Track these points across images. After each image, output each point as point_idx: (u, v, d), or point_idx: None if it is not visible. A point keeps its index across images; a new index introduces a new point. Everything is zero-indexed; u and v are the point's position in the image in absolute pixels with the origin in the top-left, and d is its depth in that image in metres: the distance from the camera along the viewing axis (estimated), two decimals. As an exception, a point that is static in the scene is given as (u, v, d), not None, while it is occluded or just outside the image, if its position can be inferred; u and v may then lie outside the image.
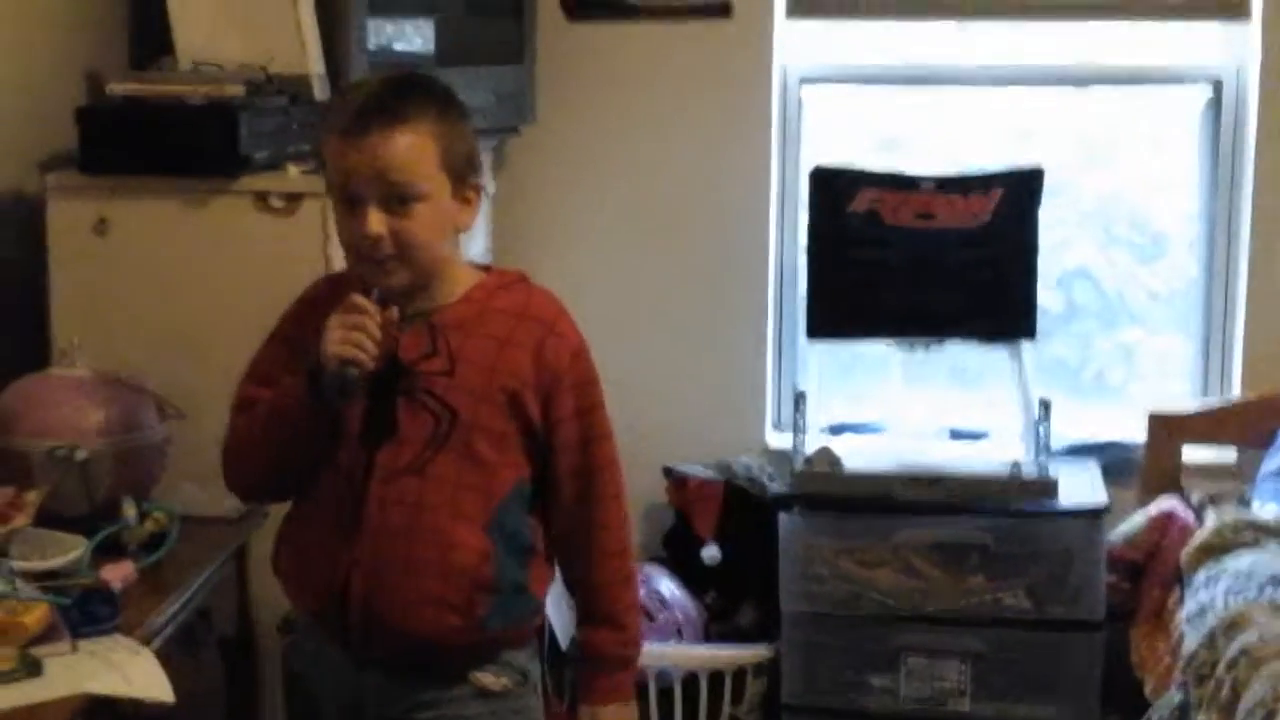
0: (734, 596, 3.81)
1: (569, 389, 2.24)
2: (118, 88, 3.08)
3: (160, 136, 3.02)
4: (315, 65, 3.19)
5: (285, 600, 2.95)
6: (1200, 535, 3.47)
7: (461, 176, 2.19)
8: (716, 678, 3.65)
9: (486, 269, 2.33)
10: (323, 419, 2.19)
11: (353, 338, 2.11)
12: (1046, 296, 4.10)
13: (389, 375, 2.19)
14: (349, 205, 2.16)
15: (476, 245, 3.74)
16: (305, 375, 2.16)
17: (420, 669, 2.23)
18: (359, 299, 2.14)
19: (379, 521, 2.19)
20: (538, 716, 2.34)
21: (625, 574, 2.32)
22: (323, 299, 2.27)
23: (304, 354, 2.19)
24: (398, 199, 2.13)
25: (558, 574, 2.37)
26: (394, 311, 2.15)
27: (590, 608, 2.32)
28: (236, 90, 3.03)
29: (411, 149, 2.12)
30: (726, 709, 3.68)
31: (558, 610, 3.14)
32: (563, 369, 2.23)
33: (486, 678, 2.25)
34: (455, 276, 2.25)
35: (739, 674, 3.69)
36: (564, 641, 3.26)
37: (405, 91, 2.16)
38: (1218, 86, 4.09)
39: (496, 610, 2.22)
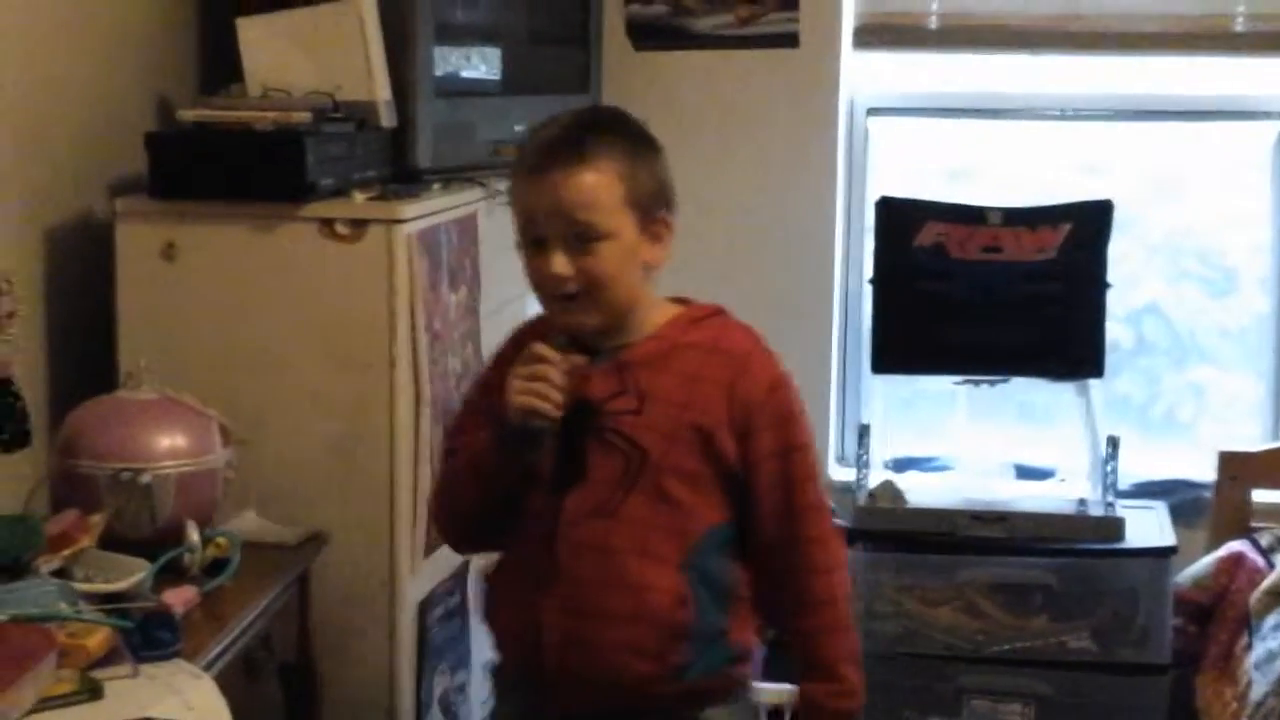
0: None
1: (766, 427, 2.16)
2: (187, 114, 3.10)
3: (228, 162, 3.03)
4: (382, 92, 3.20)
5: (345, 630, 2.99)
6: (1270, 579, 3.42)
7: (649, 213, 2.16)
8: (775, 714, 3.61)
9: (684, 302, 2.28)
10: (515, 469, 2.15)
11: (535, 388, 2.09)
12: (1116, 331, 4.06)
13: (578, 416, 2.14)
14: (535, 245, 2.14)
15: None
16: (497, 429, 2.14)
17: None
18: (540, 347, 2.11)
19: (570, 567, 2.14)
20: None
21: (837, 622, 2.20)
22: (522, 342, 2.23)
23: (495, 402, 2.16)
24: (581, 238, 2.10)
25: None
26: (579, 358, 2.13)
27: (803, 658, 2.21)
28: (303, 117, 3.04)
29: (594, 187, 2.10)
30: (786, 746, 3.65)
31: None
32: (756, 405, 2.16)
33: None
34: (647, 313, 2.21)
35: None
36: None
37: (590, 128, 2.15)
38: (1289, 121, 4.05)
39: (695, 658, 2.15)
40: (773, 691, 3.53)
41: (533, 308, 3.64)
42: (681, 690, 2.16)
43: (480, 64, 3.63)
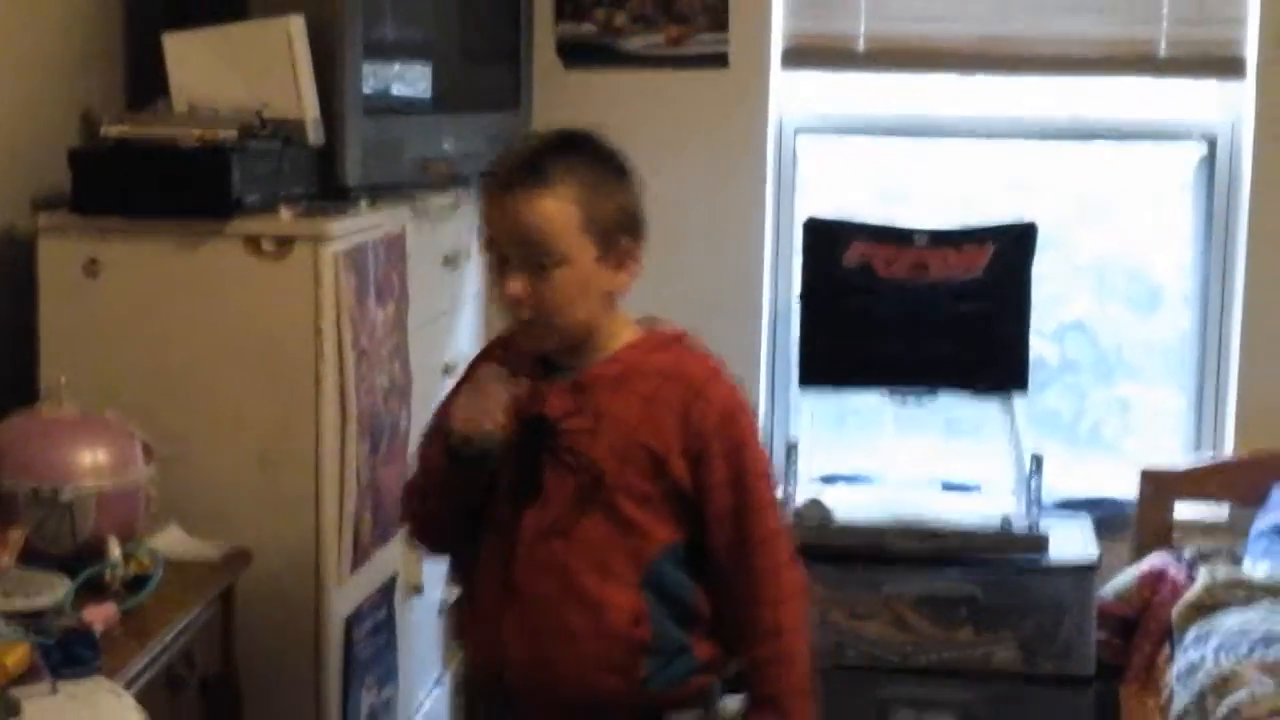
0: (723, 646, 3.76)
1: (719, 455, 2.18)
2: (111, 129, 3.07)
3: (152, 178, 3.00)
4: (310, 110, 3.19)
5: (270, 647, 2.98)
6: (1191, 593, 3.46)
7: (610, 239, 2.17)
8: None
9: (651, 322, 2.30)
10: (465, 486, 2.20)
11: (479, 406, 2.13)
12: (1042, 349, 4.10)
13: (534, 432, 2.17)
14: (499, 264, 2.17)
15: (470, 288, 3.75)
16: (445, 446, 2.18)
17: None
18: (487, 370, 2.17)
19: (528, 585, 2.18)
20: None
21: (783, 653, 2.23)
22: (494, 357, 2.30)
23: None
24: (537, 263, 2.13)
25: None
26: (523, 383, 2.16)
27: (751, 687, 2.24)
28: (229, 134, 3.03)
29: (551, 213, 2.12)
30: (712, 760, 3.65)
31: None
32: (709, 432, 2.18)
33: None
34: (608, 337, 2.23)
35: (726, 725, 3.65)
36: None
37: (556, 152, 2.17)
38: (1212, 143, 4.11)
39: (657, 672, 2.19)
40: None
41: (464, 321, 3.71)
42: (646, 699, 2.19)
43: (410, 81, 3.63)
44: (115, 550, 2.63)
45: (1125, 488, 3.96)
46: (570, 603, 2.16)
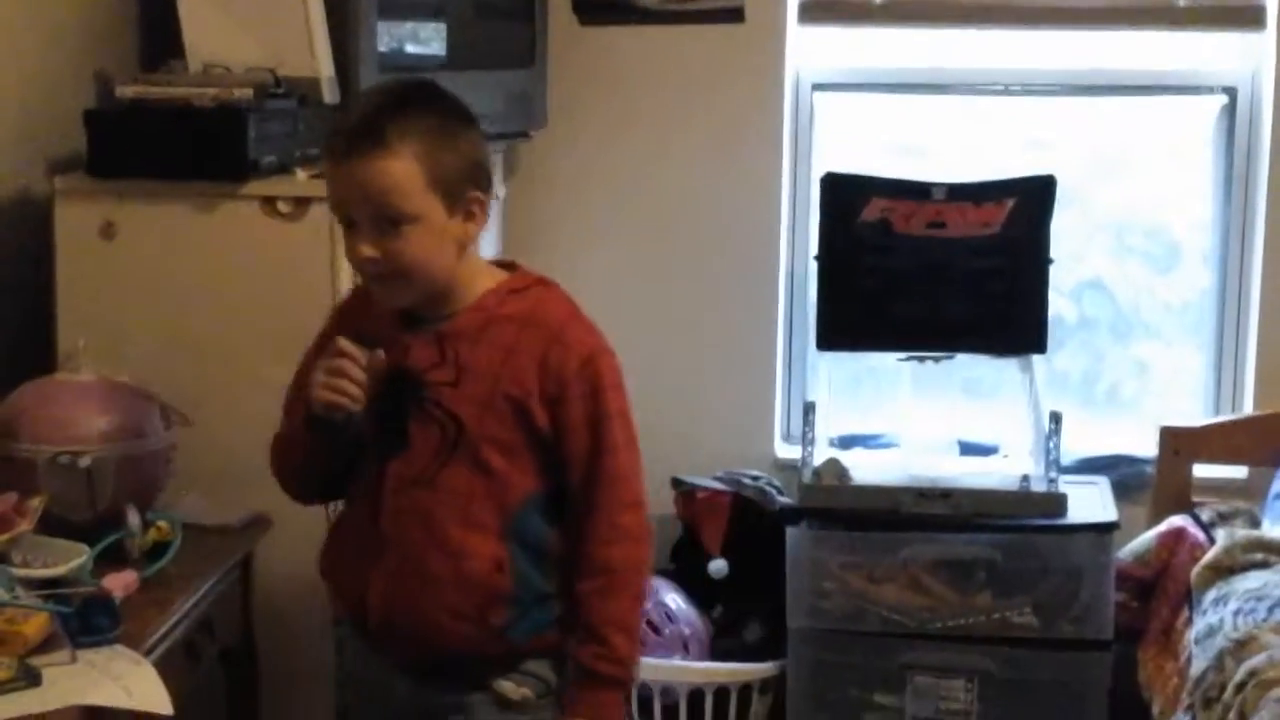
0: (741, 611, 3.77)
1: (577, 398, 2.20)
2: (126, 90, 3.06)
3: (168, 140, 3.00)
4: (325, 69, 3.17)
5: (288, 612, 2.99)
6: (1210, 554, 3.44)
7: (456, 193, 2.17)
8: (722, 694, 3.62)
9: (510, 268, 2.31)
10: (324, 448, 2.24)
11: (335, 384, 2.16)
12: (1060, 307, 4.07)
13: (399, 385, 2.21)
14: (347, 226, 2.18)
15: (486, 250, 3.72)
16: (303, 412, 2.22)
17: (443, 675, 2.25)
18: (343, 343, 2.17)
19: (393, 533, 2.22)
20: None
21: (611, 587, 2.21)
22: (351, 310, 2.35)
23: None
24: (387, 221, 2.14)
25: None
26: (380, 354, 2.18)
27: (577, 618, 2.23)
28: (245, 93, 3.02)
29: (394, 173, 2.12)
30: (732, 725, 3.67)
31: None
32: (569, 377, 2.20)
33: (507, 685, 2.25)
34: (467, 285, 2.24)
35: (744, 691, 3.65)
36: None
37: (392, 112, 2.14)
38: (1232, 95, 4.07)
39: (517, 620, 2.22)
40: (692, 671, 3.55)
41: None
42: (505, 648, 2.24)
43: (424, 39, 3.61)
44: (134, 518, 2.64)
45: (1144, 448, 3.94)
46: (433, 550, 2.19)
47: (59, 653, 2.23)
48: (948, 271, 3.91)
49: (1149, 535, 3.68)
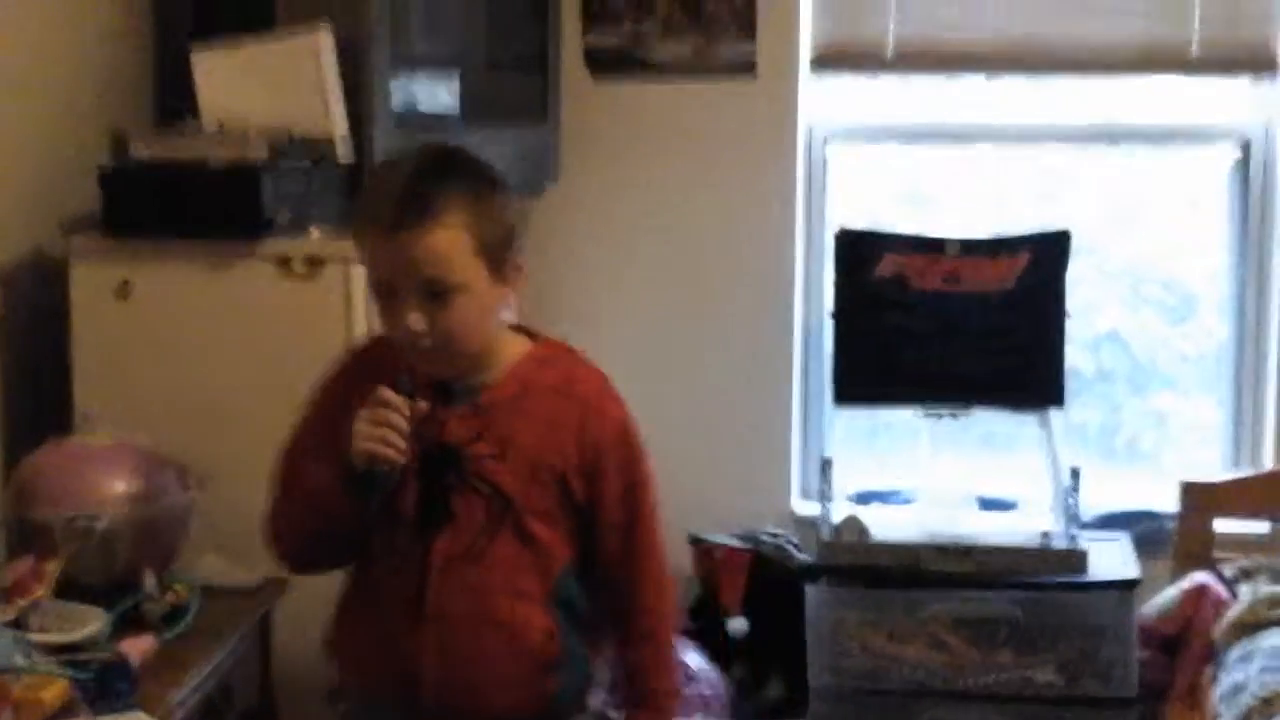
0: (761, 670, 3.75)
1: (614, 470, 2.23)
2: (141, 149, 3.06)
3: (183, 199, 3.00)
4: (339, 127, 3.17)
5: (307, 674, 2.93)
6: (1233, 611, 3.42)
7: (499, 259, 2.16)
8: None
9: (530, 335, 2.30)
10: (359, 508, 2.17)
11: (379, 434, 2.10)
12: (1076, 359, 4.06)
13: (439, 459, 2.18)
14: (388, 297, 2.14)
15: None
16: (339, 470, 2.14)
17: None
18: (386, 394, 2.12)
19: (443, 610, 2.19)
20: None
21: (663, 659, 2.31)
22: (358, 369, 2.28)
23: (341, 429, 2.16)
24: (436, 294, 2.11)
25: None
26: (423, 405, 2.14)
27: (631, 687, 2.31)
28: (259, 152, 3.01)
29: (445, 243, 2.10)
30: (755, 787, 3.63)
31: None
32: (606, 448, 2.22)
33: None
34: (501, 352, 2.23)
35: (767, 751, 3.64)
36: None
37: (436, 180, 2.12)
38: (1245, 146, 4.07)
39: (565, 684, 2.24)
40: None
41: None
42: (552, 713, 2.25)
43: (438, 95, 3.60)
44: (151, 581, 2.63)
45: (1165, 502, 3.91)
46: (485, 625, 2.18)
47: (77, 719, 2.20)
48: (963, 326, 3.90)
49: (1172, 591, 3.64)
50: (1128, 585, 3.58)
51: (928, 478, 3.94)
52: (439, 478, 2.18)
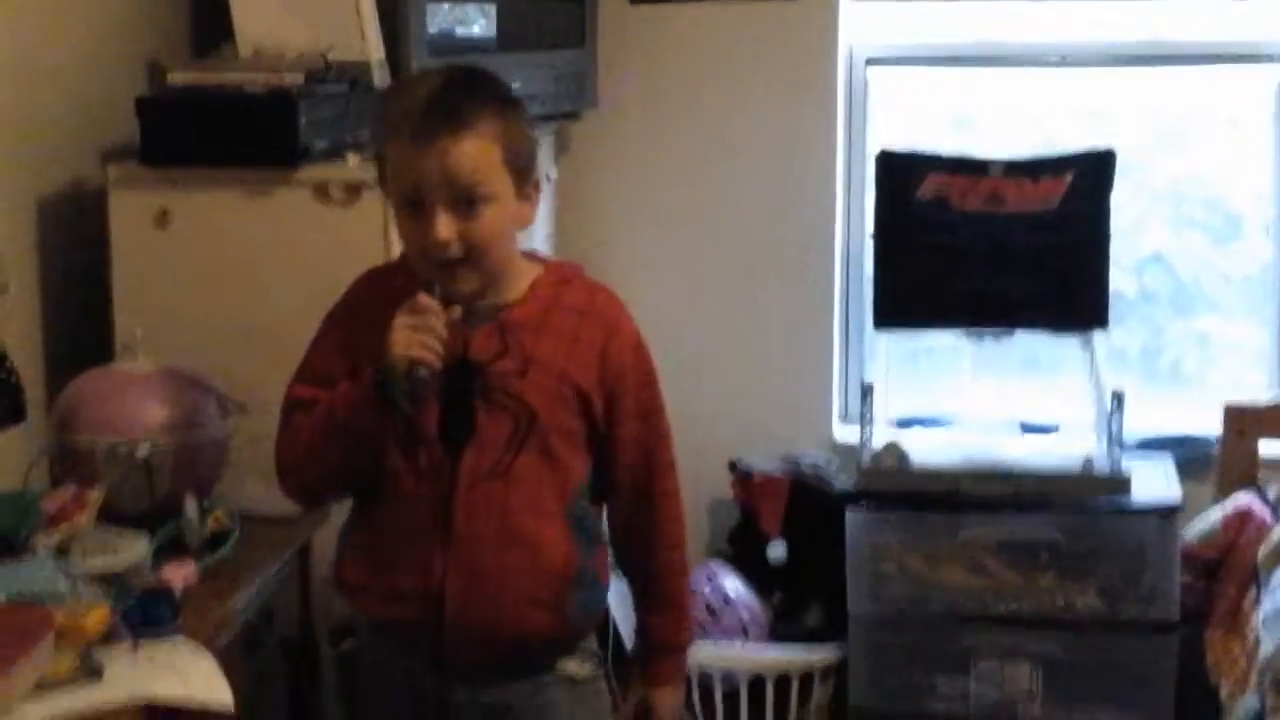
0: (800, 596, 3.75)
1: (632, 389, 2.27)
2: (178, 77, 3.05)
3: (220, 126, 2.99)
4: (375, 52, 3.16)
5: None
6: (1276, 534, 3.39)
7: (523, 174, 2.18)
8: (783, 681, 3.60)
9: (540, 260, 2.32)
10: (388, 422, 2.17)
11: (419, 339, 2.10)
12: (1120, 281, 4.02)
13: (463, 376, 2.18)
14: (414, 209, 2.14)
15: (540, 232, 3.70)
16: (371, 379, 2.13)
17: (508, 667, 2.25)
18: (424, 299, 2.12)
19: (467, 527, 2.19)
20: (605, 691, 2.38)
21: (683, 566, 2.38)
22: (373, 295, 2.27)
23: (358, 353, 2.18)
24: (465, 202, 2.12)
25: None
26: (457, 310, 2.14)
27: (653, 597, 2.37)
28: (295, 79, 3.01)
29: (478, 152, 2.11)
30: (793, 712, 3.64)
31: (623, 611, 3.11)
32: (626, 368, 2.25)
33: (572, 666, 2.29)
34: (518, 273, 2.25)
35: (806, 677, 3.64)
36: (628, 642, 3.22)
37: (467, 92, 2.14)
38: (1292, 64, 4.00)
39: (581, 603, 2.26)
40: (752, 660, 3.52)
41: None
42: (570, 632, 2.28)
43: (474, 20, 3.58)
44: (192, 508, 2.63)
45: (1208, 425, 3.88)
46: (508, 542, 2.19)
47: (120, 645, 2.22)
48: (1006, 248, 3.87)
49: (1214, 514, 3.63)
50: (1170, 509, 3.56)
51: (969, 402, 3.92)
52: (463, 395, 2.18)
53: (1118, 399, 3.60)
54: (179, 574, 2.47)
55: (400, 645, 2.28)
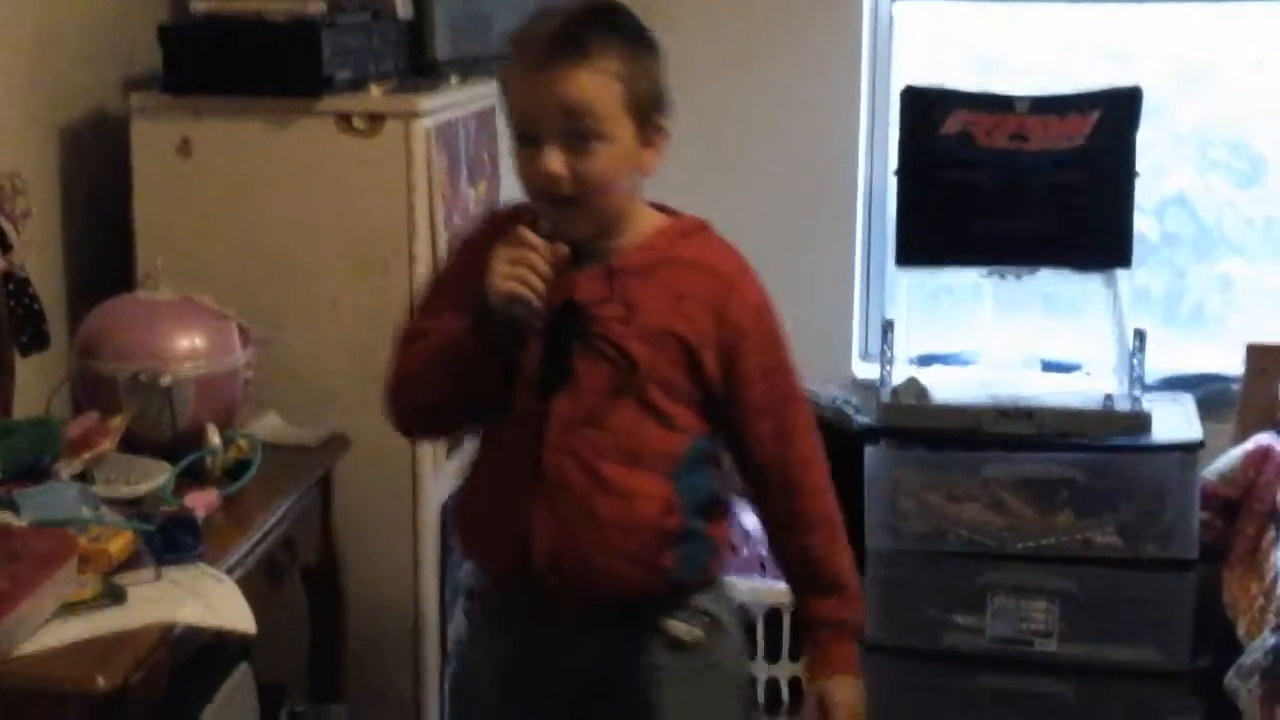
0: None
1: (754, 350, 2.15)
2: (201, 5, 3.04)
3: (243, 55, 2.98)
4: (399, -18, 3.14)
5: (368, 533, 2.97)
6: (1297, 473, 3.39)
7: (646, 118, 2.08)
8: (773, 615, 3.60)
9: (669, 212, 2.23)
10: (491, 358, 2.10)
11: (519, 274, 2.01)
12: (1142, 223, 4.00)
13: (565, 319, 2.10)
14: (527, 142, 2.07)
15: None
16: (475, 319, 2.07)
17: (609, 623, 2.17)
18: (526, 233, 2.03)
19: (558, 476, 2.11)
20: (733, 664, 2.27)
21: (837, 538, 2.23)
22: (493, 234, 2.14)
23: (475, 287, 2.06)
24: (579, 137, 2.03)
25: None
26: (563, 248, 2.05)
27: (811, 576, 2.23)
28: (318, 7, 2.99)
29: (598, 86, 2.02)
30: (809, 646, 3.64)
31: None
32: (746, 327, 2.14)
33: (679, 626, 2.18)
34: (635, 221, 2.15)
35: (822, 610, 3.63)
36: None
37: (593, 25, 2.05)
38: (1319, 3, 3.96)
39: (685, 558, 2.15)
40: (770, 592, 3.53)
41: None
42: (671, 588, 2.16)
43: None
44: (214, 437, 2.64)
45: (1230, 366, 3.87)
46: (600, 492, 2.11)
47: (143, 571, 2.23)
48: (1030, 185, 3.83)
49: (1234, 453, 3.62)
50: (1191, 447, 3.55)
51: (990, 340, 3.90)
52: (564, 338, 2.11)
53: (1140, 337, 3.59)
54: (201, 501, 2.48)
55: (503, 597, 2.22)
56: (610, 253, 2.12)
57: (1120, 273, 3.82)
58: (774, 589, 3.56)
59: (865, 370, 4.03)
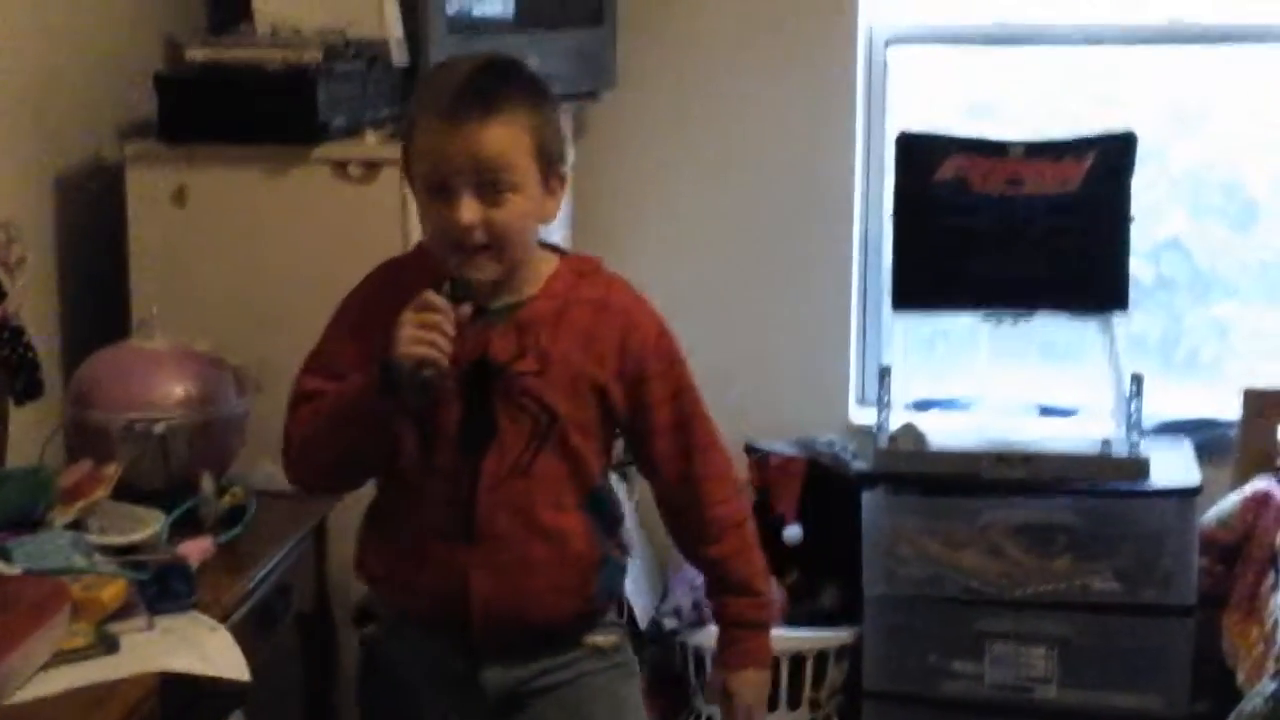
0: (816, 577, 3.75)
1: (657, 376, 2.24)
2: (196, 54, 3.05)
3: (238, 103, 3.00)
4: (394, 30, 3.16)
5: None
6: (1295, 518, 3.38)
7: (551, 168, 2.16)
8: (797, 661, 3.60)
9: (558, 251, 2.29)
10: (395, 418, 2.16)
11: (426, 337, 2.07)
12: (1137, 267, 4.00)
13: (481, 377, 2.17)
14: (438, 193, 2.11)
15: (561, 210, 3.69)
16: (380, 374, 2.11)
17: (536, 647, 2.26)
18: (431, 296, 2.09)
19: (492, 529, 2.19)
20: (633, 658, 2.39)
21: (744, 543, 2.33)
22: (387, 287, 2.23)
23: (369, 346, 2.14)
24: (492, 188, 2.09)
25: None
26: (466, 309, 2.11)
27: (722, 580, 2.33)
28: (314, 56, 3.01)
29: (508, 138, 2.09)
30: (807, 693, 3.64)
31: (638, 591, 3.11)
32: (648, 357, 2.23)
33: (599, 638, 2.30)
34: (536, 266, 2.22)
35: (820, 658, 3.64)
36: (643, 622, 3.22)
37: (500, 79, 2.12)
38: (1312, 45, 3.98)
39: (602, 583, 2.27)
40: (795, 639, 3.54)
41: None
42: (592, 610, 2.29)
43: (493, -1, 3.58)
44: (208, 484, 2.64)
45: (1227, 411, 3.87)
46: (535, 538, 2.20)
47: (136, 619, 2.23)
48: (1026, 230, 3.84)
49: (1233, 499, 3.62)
50: (1189, 492, 3.55)
51: (987, 385, 3.91)
52: (483, 396, 2.17)
53: (1137, 382, 3.59)
54: (195, 549, 2.48)
55: (425, 632, 2.28)
56: (513, 306, 2.19)
57: (1117, 317, 3.83)
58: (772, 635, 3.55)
59: (862, 416, 4.03)
